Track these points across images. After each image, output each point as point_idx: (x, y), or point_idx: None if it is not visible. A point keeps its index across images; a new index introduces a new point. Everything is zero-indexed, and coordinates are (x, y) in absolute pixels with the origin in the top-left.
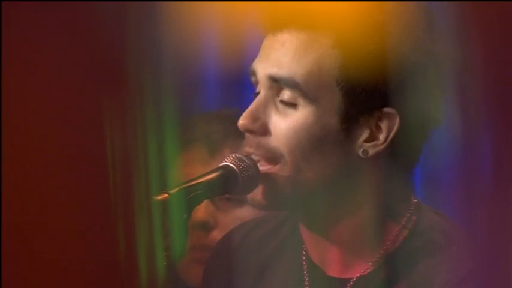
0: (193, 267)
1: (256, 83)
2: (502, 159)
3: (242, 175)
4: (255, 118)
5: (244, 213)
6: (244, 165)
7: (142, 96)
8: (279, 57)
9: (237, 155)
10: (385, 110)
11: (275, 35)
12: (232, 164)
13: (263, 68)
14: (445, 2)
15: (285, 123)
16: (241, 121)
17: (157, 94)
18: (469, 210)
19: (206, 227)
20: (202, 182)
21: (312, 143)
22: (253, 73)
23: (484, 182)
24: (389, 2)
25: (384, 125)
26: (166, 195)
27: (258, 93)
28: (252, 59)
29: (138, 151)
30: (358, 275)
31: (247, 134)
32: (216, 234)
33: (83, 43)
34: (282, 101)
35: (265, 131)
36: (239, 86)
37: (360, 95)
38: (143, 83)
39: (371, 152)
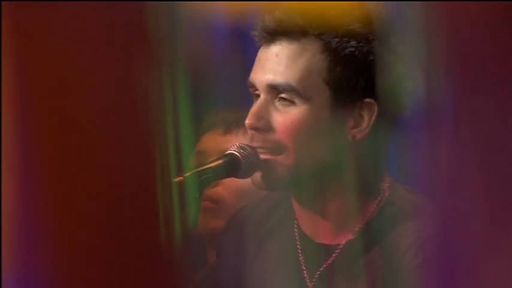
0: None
1: (254, 91)
2: (462, 121)
3: (244, 161)
4: (259, 117)
5: None
6: (247, 153)
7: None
8: (274, 67)
9: (240, 144)
10: (366, 100)
11: (268, 47)
12: (236, 152)
13: (261, 78)
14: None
15: (286, 120)
16: (248, 121)
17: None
18: (433, 169)
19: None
20: (211, 167)
21: (309, 133)
22: (252, 85)
23: (447, 141)
24: (364, 10)
25: (365, 113)
26: (181, 177)
27: (256, 95)
28: None
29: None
30: (344, 242)
31: (252, 132)
32: (219, 189)
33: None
34: (281, 102)
35: (268, 127)
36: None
37: (345, 90)
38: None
39: (358, 136)
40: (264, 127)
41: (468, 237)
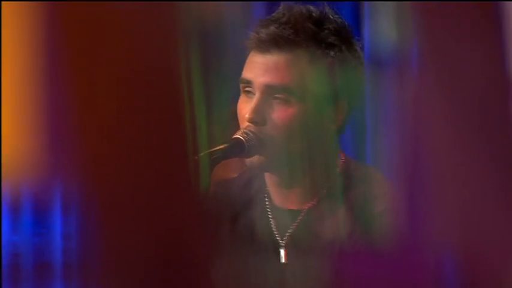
0: None
1: (245, 88)
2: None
3: (247, 144)
4: (257, 113)
5: None
6: (249, 137)
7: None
8: (274, 71)
9: (244, 130)
10: (341, 101)
11: (264, 54)
12: (241, 136)
13: (260, 79)
14: None
15: (281, 116)
16: (248, 115)
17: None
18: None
19: None
20: (220, 149)
21: (299, 127)
22: (247, 81)
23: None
24: (336, 23)
25: (339, 111)
26: (196, 157)
27: (246, 91)
28: None
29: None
30: (306, 207)
31: (248, 124)
32: None
33: None
34: (276, 101)
35: (264, 121)
36: None
37: (327, 93)
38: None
39: (332, 128)
40: (261, 121)
41: (432, 162)
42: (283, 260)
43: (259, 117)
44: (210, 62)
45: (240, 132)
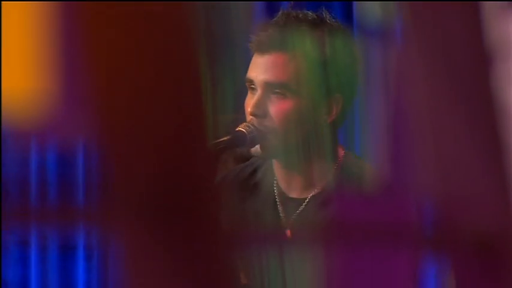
0: None
1: (250, 86)
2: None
3: (249, 136)
4: (258, 107)
5: None
6: (250, 130)
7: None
8: (272, 70)
9: (246, 123)
10: (336, 95)
11: (263, 55)
12: (243, 129)
13: (260, 77)
14: None
15: (279, 109)
16: (250, 109)
17: None
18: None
19: None
20: (224, 140)
21: (296, 119)
22: (250, 80)
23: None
24: (329, 26)
25: (335, 105)
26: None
27: (251, 88)
28: None
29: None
30: (309, 195)
31: (251, 117)
32: None
33: None
34: (275, 95)
35: (265, 114)
36: None
37: (322, 87)
38: None
39: (328, 120)
40: (262, 114)
41: (413, 120)
42: (284, 240)
43: (260, 110)
44: (218, 60)
45: (242, 125)
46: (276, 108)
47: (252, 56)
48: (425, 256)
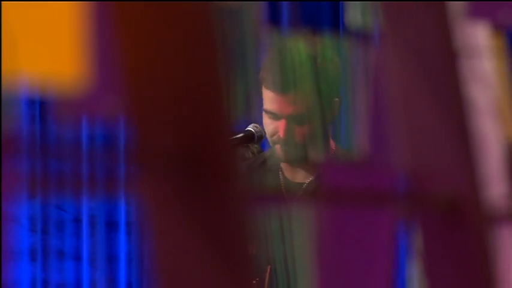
0: None
1: (271, 114)
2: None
3: (257, 135)
4: (287, 134)
5: None
6: (258, 129)
7: None
8: (292, 105)
9: (254, 124)
10: (335, 100)
11: (283, 95)
12: (252, 129)
13: (285, 111)
14: None
15: (300, 133)
16: (282, 135)
17: None
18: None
19: None
20: (237, 137)
21: (296, 121)
22: (272, 112)
23: None
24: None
25: (335, 106)
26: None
27: (270, 116)
28: None
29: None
30: (307, 181)
31: (274, 138)
32: None
33: None
34: (296, 124)
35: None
36: None
37: (325, 94)
38: None
39: (331, 118)
40: (290, 139)
41: (390, 106)
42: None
43: (288, 137)
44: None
45: (251, 125)
46: (298, 132)
47: (264, 88)
48: (400, 217)
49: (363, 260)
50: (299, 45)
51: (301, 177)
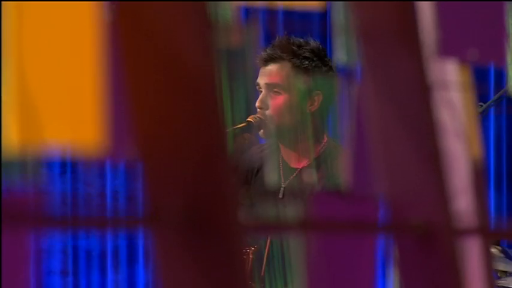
0: None
1: (259, 88)
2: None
3: (255, 124)
4: (262, 102)
5: None
6: (256, 120)
7: None
8: (270, 75)
9: (253, 116)
10: (316, 91)
11: (265, 67)
12: (251, 119)
13: (263, 81)
14: None
15: (275, 103)
16: (257, 104)
17: None
18: None
19: None
20: (239, 127)
21: (287, 109)
22: (258, 84)
23: None
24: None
25: (316, 98)
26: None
27: (260, 90)
28: None
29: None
30: (301, 166)
31: (260, 110)
32: None
33: None
34: (273, 93)
35: (267, 107)
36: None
37: (304, 88)
38: None
39: (312, 109)
40: (264, 107)
41: (371, 138)
42: (280, 196)
43: (263, 104)
44: (234, 72)
45: (251, 116)
46: (273, 102)
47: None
48: (380, 239)
49: (347, 279)
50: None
51: (296, 162)
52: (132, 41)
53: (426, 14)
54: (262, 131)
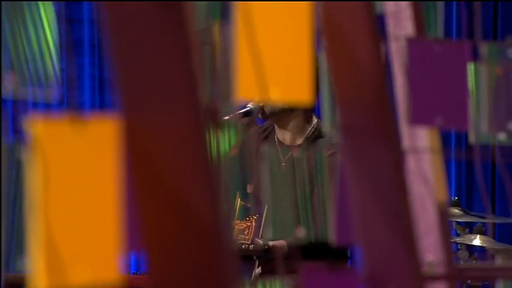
0: None
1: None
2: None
3: (254, 111)
4: None
5: None
6: (255, 107)
7: None
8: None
9: (252, 103)
10: None
11: None
12: (251, 105)
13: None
14: None
15: None
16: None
17: None
18: None
19: None
20: (242, 111)
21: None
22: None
23: None
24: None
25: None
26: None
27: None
28: None
29: None
30: (297, 143)
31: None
32: None
33: None
34: None
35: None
36: None
37: None
38: None
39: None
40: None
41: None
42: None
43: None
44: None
45: (251, 103)
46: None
47: None
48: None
49: None
50: None
51: (291, 140)
52: (145, 188)
53: (399, 86)
54: (260, 114)
